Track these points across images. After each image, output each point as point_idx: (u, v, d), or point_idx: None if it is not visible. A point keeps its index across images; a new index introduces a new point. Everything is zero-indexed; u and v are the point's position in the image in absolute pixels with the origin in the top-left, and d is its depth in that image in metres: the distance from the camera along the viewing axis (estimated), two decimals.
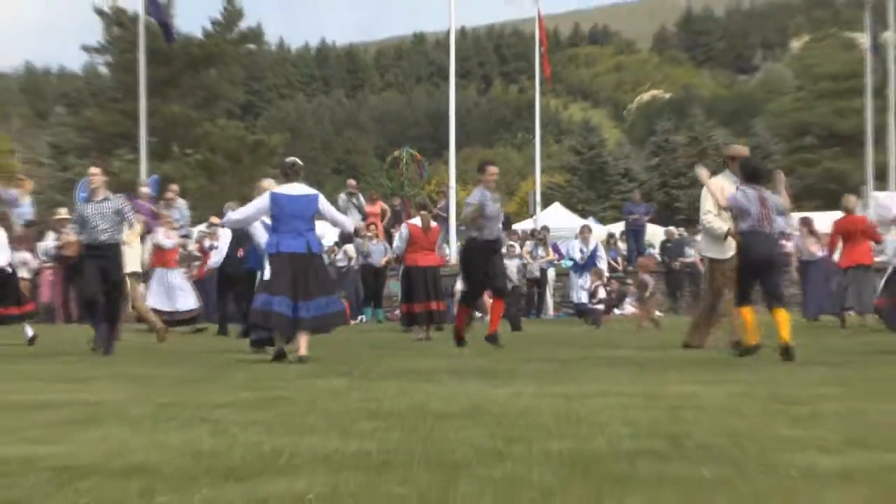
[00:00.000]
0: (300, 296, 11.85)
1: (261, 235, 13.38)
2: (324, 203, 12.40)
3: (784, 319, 11.96)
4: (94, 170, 14.08)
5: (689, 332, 13.89)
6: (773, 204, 12.32)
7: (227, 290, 20.01)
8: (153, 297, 20.58)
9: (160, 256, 20.86)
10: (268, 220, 12.73)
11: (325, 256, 24.97)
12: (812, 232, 22.04)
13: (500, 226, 14.94)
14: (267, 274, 11.94)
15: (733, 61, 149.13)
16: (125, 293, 15.21)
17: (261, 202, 12.32)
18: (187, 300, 20.76)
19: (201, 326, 20.85)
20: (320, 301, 12.00)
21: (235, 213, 13.06)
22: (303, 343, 11.92)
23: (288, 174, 12.41)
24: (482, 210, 14.26)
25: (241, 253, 20.04)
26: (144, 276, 21.20)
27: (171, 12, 47.03)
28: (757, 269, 12.30)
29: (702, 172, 13.23)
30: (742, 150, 13.98)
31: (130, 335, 17.64)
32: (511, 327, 19.97)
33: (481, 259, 14.45)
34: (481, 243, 14.35)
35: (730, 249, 13.18)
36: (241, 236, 19.24)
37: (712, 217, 13.28)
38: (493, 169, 14.70)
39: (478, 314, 20.98)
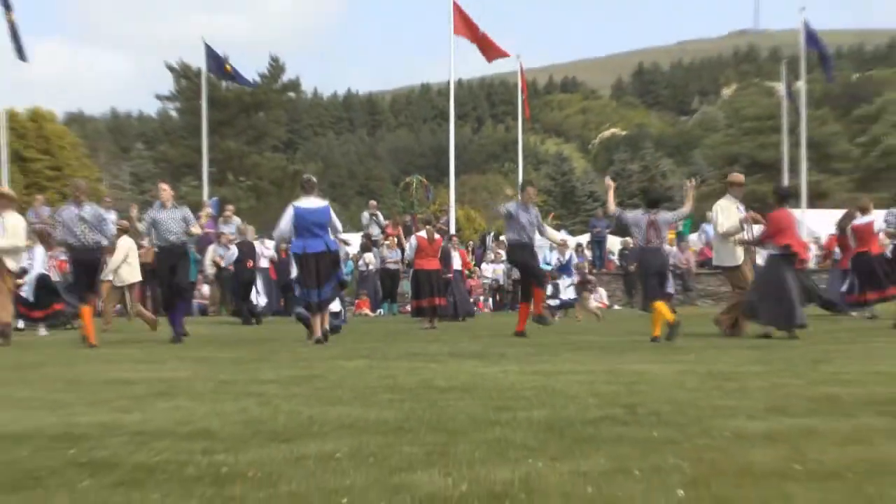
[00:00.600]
0: (320, 285, 12.31)
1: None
2: (331, 214, 12.63)
3: (664, 308, 12.21)
4: (164, 185, 14.06)
5: (728, 325, 13.22)
6: (663, 223, 12.39)
7: (241, 290, 20.11)
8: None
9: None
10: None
11: (350, 262, 25.10)
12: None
13: (537, 232, 14.37)
14: (294, 272, 12.33)
15: (676, 105, 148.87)
16: (188, 287, 15.10)
17: (288, 215, 12.52)
18: (258, 299, 20.72)
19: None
20: (326, 287, 12.42)
21: (278, 231, 13.06)
22: (322, 321, 12.51)
23: (305, 188, 12.65)
24: (509, 216, 14.00)
25: (250, 264, 20.15)
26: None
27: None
28: (655, 273, 12.42)
29: (608, 183, 13.38)
30: (739, 177, 13.82)
31: (192, 326, 17.61)
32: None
33: (521, 256, 14.11)
34: (520, 245, 14.01)
35: (739, 258, 13.08)
36: (250, 251, 19.54)
37: (727, 225, 13.10)
38: (531, 190, 14.43)
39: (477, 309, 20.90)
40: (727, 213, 13.08)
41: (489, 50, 31.16)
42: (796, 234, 13.02)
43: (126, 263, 17.11)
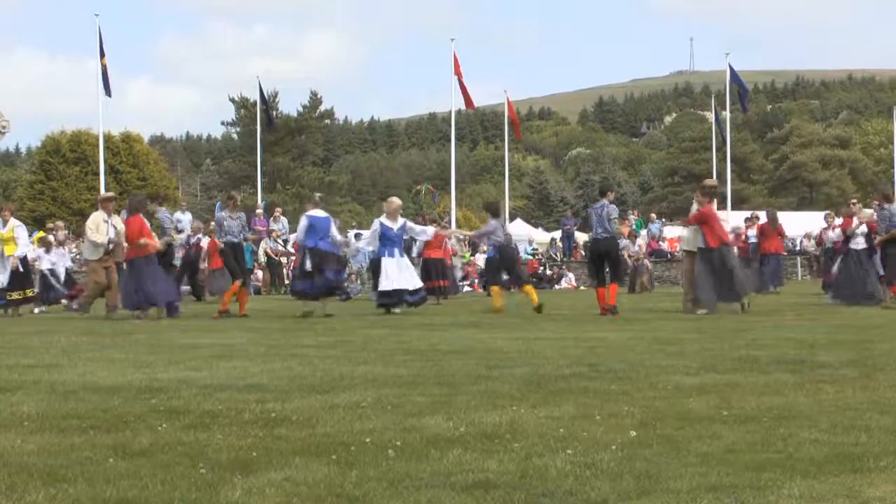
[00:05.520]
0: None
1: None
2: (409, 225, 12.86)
3: (530, 291, 12.38)
4: (237, 195, 14.31)
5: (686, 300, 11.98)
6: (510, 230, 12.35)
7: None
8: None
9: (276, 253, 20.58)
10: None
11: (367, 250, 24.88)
12: None
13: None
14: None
15: (629, 129, 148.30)
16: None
17: (374, 229, 12.47)
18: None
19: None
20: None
21: (366, 244, 12.76)
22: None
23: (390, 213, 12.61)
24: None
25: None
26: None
27: (276, 102, 48.03)
28: (502, 266, 12.61)
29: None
30: (711, 182, 12.79)
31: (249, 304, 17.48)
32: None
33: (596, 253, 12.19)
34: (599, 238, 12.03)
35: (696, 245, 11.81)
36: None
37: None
38: (610, 195, 12.31)
39: (467, 288, 20.77)
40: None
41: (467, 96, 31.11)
42: (720, 225, 12.11)
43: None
